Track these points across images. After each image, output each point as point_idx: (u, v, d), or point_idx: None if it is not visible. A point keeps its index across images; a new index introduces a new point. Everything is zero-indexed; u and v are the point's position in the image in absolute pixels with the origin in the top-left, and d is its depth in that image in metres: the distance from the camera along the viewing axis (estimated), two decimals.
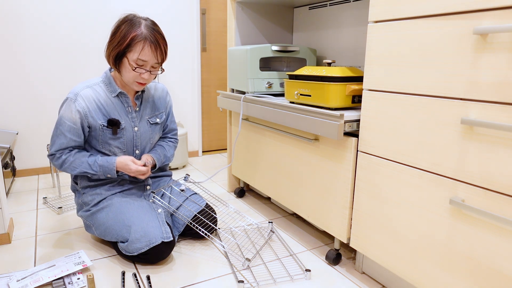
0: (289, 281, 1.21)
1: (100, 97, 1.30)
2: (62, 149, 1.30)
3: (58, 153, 1.30)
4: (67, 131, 1.27)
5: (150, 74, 1.27)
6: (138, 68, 1.24)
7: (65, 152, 1.30)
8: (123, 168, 1.32)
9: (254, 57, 1.59)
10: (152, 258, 1.25)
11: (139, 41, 1.21)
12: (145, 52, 1.22)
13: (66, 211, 1.74)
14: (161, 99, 1.47)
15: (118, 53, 1.24)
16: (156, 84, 1.48)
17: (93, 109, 1.28)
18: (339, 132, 1.12)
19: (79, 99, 1.27)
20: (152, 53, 1.23)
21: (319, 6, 1.77)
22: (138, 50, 1.22)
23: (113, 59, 1.26)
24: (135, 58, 1.22)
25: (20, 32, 2.11)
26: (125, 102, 1.34)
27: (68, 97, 1.28)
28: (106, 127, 1.30)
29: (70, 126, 1.27)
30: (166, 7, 2.48)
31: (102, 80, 1.34)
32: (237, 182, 2.06)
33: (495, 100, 0.79)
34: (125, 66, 1.25)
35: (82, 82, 1.34)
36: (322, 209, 1.32)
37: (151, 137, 1.43)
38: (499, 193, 0.80)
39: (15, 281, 1.14)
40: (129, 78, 1.27)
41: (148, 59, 1.23)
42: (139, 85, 1.29)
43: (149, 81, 1.29)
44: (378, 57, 1.04)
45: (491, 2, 0.77)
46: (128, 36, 1.21)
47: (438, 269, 0.95)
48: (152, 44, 1.22)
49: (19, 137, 2.22)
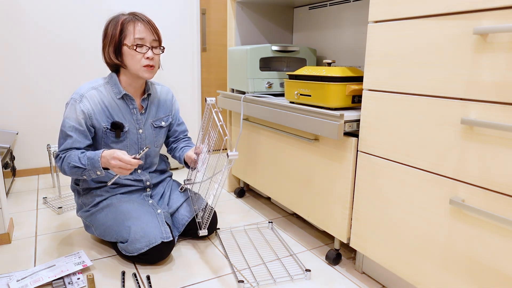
0: (289, 281, 1.21)
1: (104, 98, 1.30)
2: (67, 149, 1.27)
3: (62, 153, 1.28)
4: (72, 132, 1.26)
5: (154, 54, 1.27)
6: (138, 48, 1.24)
7: (68, 151, 1.27)
8: (109, 155, 1.18)
9: (254, 57, 1.59)
10: (152, 258, 1.25)
11: (129, 23, 1.24)
12: (139, 29, 1.24)
13: (66, 211, 1.74)
14: (167, 102, 1.47)
15: (115, 46, 1.25)
16: (162, 87, 1.48)
17: (97, 111, 1.28)
18: (339, 132, 1.12)
19: (84, 101, 1.26)
20: (146, 28, 1.25)
21: (319, 6, 1.77)
22: (132, 30, 1.24)
23: (114, 54, 1.26)
24: (132, 39, 1.24)
25: (20, 32, 2.11)
26: (130, 104, 1.34)
27: (73, 97, 1.27)
28: (109, 130, 1.30)
29: (75, 127, 1.26)
30: (166, 7, 2.48)
31: (107, 81, 1.33)
32: (237, 182, 2.06)
33: (495, 100, 0.79)
34: (127, 54, 1.25)
35: (87, 82, 1.33)
36: (322, 209, 1.32)
37: (156, 140, 1.43)
38: (499, 193, 0.80)
39: (15, 281, 1.14)
40: (135, 65, 1.26)
41: (144, 35, 1.24)
42: (148, 69, 1.27)
43: (155, 64, 1.28)
44: (378, 57, 1.04)
45: (491, 2, 0.77)
46: (117, 26, 1.25)
47: (438, 269, 0.95)
48: (142, 21, 1.25)
49: (19, 137, 2.23)
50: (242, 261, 1.33)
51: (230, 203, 1.88)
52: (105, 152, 1.21)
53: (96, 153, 1.22)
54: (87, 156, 1.23)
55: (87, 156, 1.23)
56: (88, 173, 1.24)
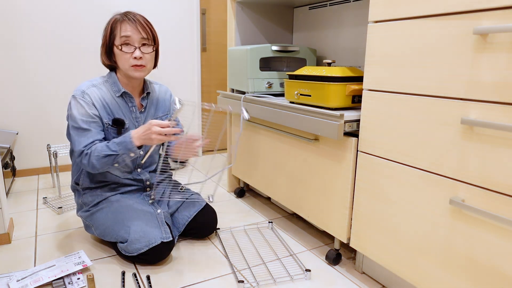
0: (289, 281, 1.21)
1: (105, 96, 1.30)
2: (89, 143, 1.23)
3: (86, 149, 1.23)
4: (88, 125, 1.24)
5: (143, 53, 1.25)
6: (124, 46, 1.24)
7: (91, 147, 1.23)
8: (144, 134, 1.18)
9: (254, 57, 1.59)
10: (151, 258, 1.25)
11: (117, 23, 1.25)
12: (125, 28, 1.23)
13: (66, 211, 1.74)
14: (165, 102, 1.47)
15: (106, 47, 1.27)
16: (160, 86, 1.48)
17: (99, 107, 1.28)
18: (339, 132, 1.12)
19: (86, 97, 1.27)
20: (132, 27, 1.23)
21: (319, 6, 1.77)
22: (119, 30, 1.24)
23: (106, 55, 1.28)
24: (119, 39, 1.24)
25: (20, 32, 2.11)
26: (129, 102, 1.34)
27: (75, 95, 1.27)
28: (111, 126, 1.30)
29: (90, 120, 1.25)
30: (166, 7, 2.48)
31: (106, 79, 1.34)
32: (237, 182, 2.06)
33: (495, 100, 0.79)
34: (117, 54, 1.26)
35: (86, 81, 1.33)
36: (322, 209, 1.32)
37: None
38: (499, 193, 0.80)
39: (15, 281, 1.14)
40: (124, 64, 1.26)
41: (130, 33, 1.23)
42: (136, 68, 1.26)
43: (146, 63, 1.27)
44: (378, 57, 1.04)
45: (491, 2, 0.77)
46: (108, 27, 1.26)
47: (438, 269, 0.95)
48: (129, 20, 1.24)
49: (19, 137, 2.22)
50: (242, 261, 1.33)
51: (230, 203, 1.88)
52: (135, 130, 1.22)
53: (125, 136, 1.22)
54: (115, 142, 1.22)
55: (115, 142, 1.22)
56: (122, 157, 1.22)
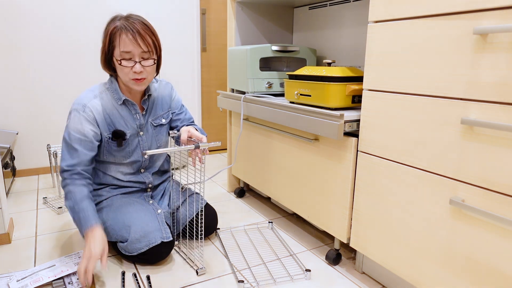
0: (289, 281, 1.21)
1: (106, 105, 1.27)
2: (74, 164, 1.22)
3: (67, 174, 1.21)
4: (77, 144, 1.22)
5: (143, 67, 1.19)
6: (123, 61, 1.17)
7: (74, 172, 1.22)
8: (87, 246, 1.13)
9: (254, 57, 1.59)
10: (151, 258, 1.25)
11: (116, 33, 1.17)
12: (124, 42, 1.16)
13: (66, 211, 1.74)
14: (166, 98, 1.43)
15: (106, 57, 1.22)
16: (160, 82, 1.43)
17: (100, 121, 1.25)
18: (339, 132, 1.12)
19: (87, 111, 1.23)
20: (132, 42, 1.16)
21: (319, 6, 1.77)
22: (118, 42, 1.16)
23: (105, 64, 1.24)
24: (118, 53, 1.17)
25: (20, 32, 2.11)
26: (133, 109, 1.31)
27: (75, 108, 1.24)
28: (111, 139, 1.29)
29: (80, 138, 1.22)
30: (166, 7, 2.48)
31: (107, 87, 1.30)
32: (237, 182, 2.06)
33: (495, 100, 0.79)
34: (116, 66, 1.21)
35: (86, 90, 1.29)
36: (322, 209, 1.32)
37: (157, 140, 1.41)
38: (499, 193, 0.80)
39: (15, 281, 1.14)
40: (124, 77, 1.22)
41: (131, 48, 1.16)
42: (136, 82, 1.21)
43: (147, 76, 1.22)
44: (378, 57, 1.04)
45: (491, 2, 0.77)
46: (106, 36, 1.19)
47: (438, 269, 0.95)
48: (129, 32, 1.15)
49: (19, 137, 2.23)
50: (242, 261, 1.33)
51: (230, 203, 1.88)
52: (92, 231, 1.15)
53: (89, 220, 1.17)
54: (82, 215, 1.18)
55: (82, 214, 1.18)
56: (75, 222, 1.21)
